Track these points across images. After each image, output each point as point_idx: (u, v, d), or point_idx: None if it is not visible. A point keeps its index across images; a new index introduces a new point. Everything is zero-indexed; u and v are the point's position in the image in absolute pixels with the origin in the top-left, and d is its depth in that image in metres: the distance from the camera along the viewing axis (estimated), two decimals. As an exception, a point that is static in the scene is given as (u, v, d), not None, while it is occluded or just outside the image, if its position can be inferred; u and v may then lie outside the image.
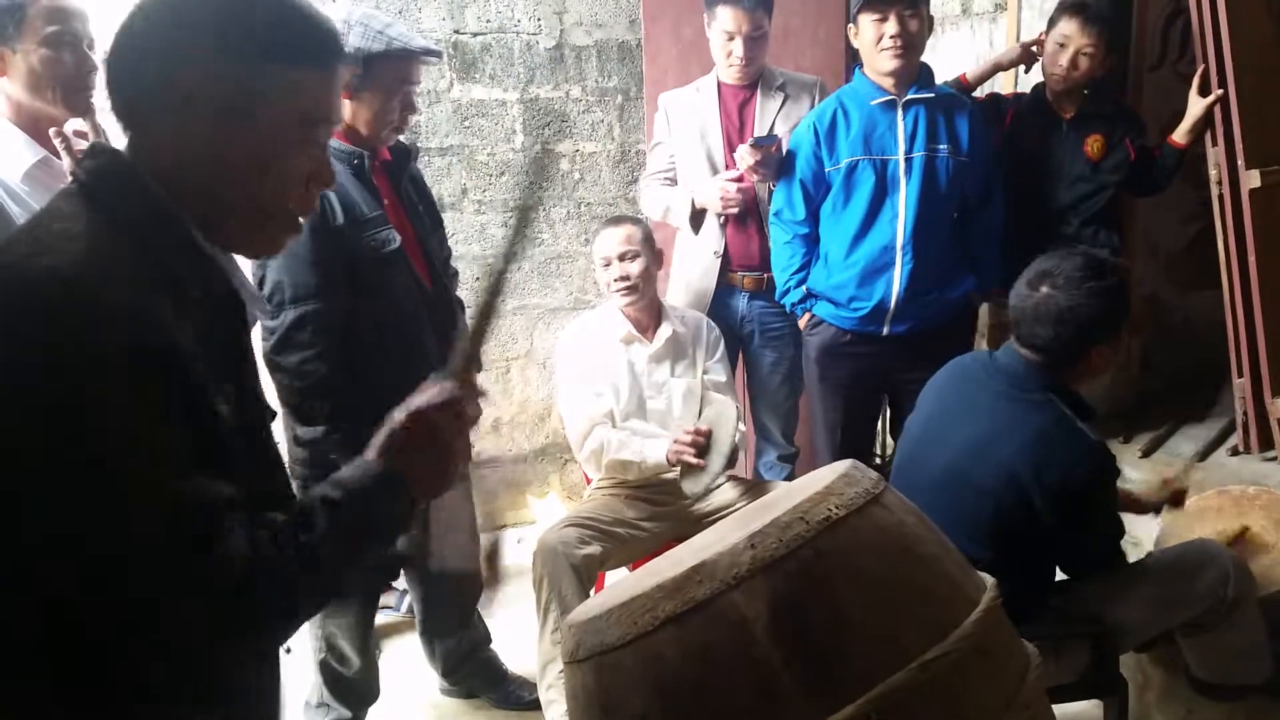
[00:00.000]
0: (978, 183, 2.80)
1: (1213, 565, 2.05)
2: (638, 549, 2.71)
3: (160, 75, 1.03)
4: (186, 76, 1.02)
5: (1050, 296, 1.97)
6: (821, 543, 1.28)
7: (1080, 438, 1.95)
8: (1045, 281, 1.99)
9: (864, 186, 2.73)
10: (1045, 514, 1.94)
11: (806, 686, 1.22)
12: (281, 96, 1.06)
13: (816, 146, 2.76)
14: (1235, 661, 2.10)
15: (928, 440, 2.14)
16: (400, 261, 2.25)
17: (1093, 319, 1.96)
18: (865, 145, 2.72)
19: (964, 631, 1.28)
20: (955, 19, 3.59)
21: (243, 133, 1.05)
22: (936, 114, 2.73)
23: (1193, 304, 3.32)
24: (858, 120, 2.73)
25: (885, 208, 2.72)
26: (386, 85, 2.20)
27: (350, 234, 2.15)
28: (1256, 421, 2.78)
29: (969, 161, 2.76)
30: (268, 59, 1.05)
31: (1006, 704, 1.30)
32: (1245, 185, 2.67)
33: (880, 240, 2.73)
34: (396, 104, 2.23)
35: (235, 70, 1.03)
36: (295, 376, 2.13)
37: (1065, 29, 2.78)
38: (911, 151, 2.71)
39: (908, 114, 2.72)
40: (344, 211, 2.14)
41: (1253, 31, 2.69)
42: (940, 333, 2.79)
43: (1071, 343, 1.98)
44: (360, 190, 2.20)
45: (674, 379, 2.80)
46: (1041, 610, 2.04)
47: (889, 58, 2.66)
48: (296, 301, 2.11)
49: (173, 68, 1.03)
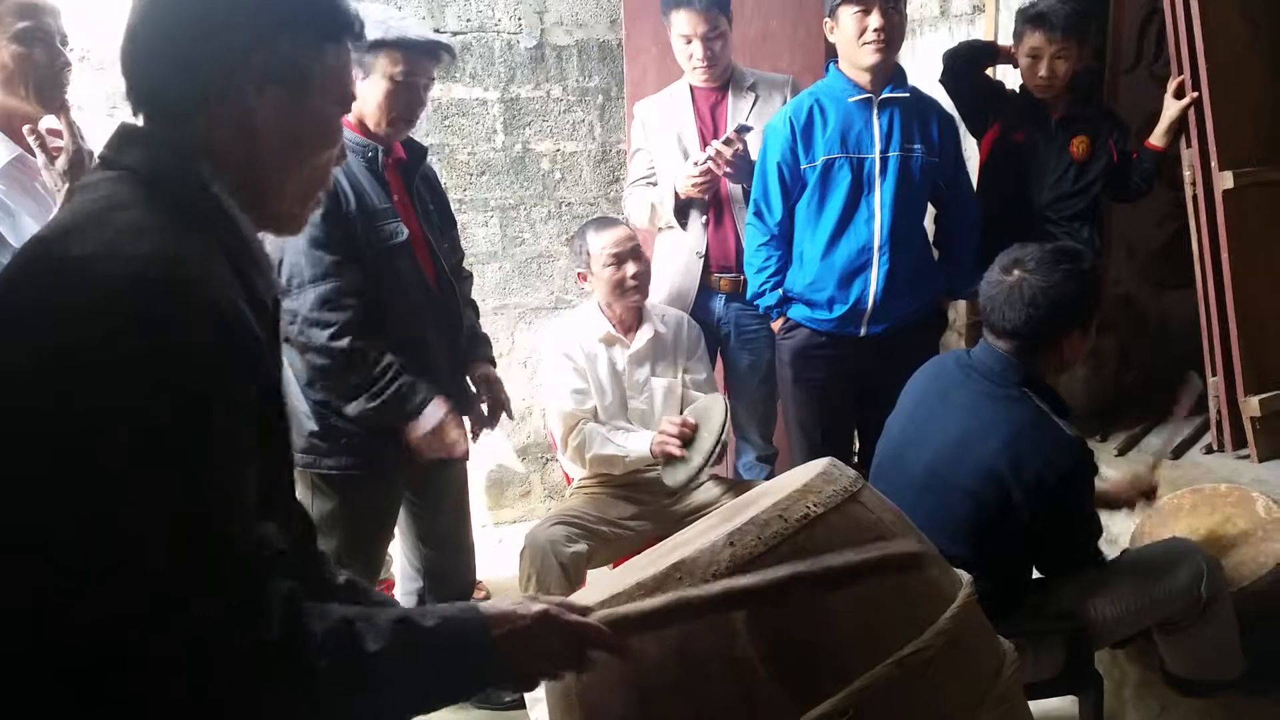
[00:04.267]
0: (947, 184, 2.82)
1: (1187, 563, 2.07)
2: (620, 547, 2.71)
3: (219, 60, 1.01)
4: (254, 60, 1.01)
5: (1023, 279, 1.99)
6: (800, 540, 1.29)
7: (1057, 433, 1.96)
8: (1017, 266, 2.01)
9: (841, 185, 2.72)
10: (1023, 509, 1.95)
11: (785, 683, 1.23)
12: (327, 75, 1.07)
13: (793, 142, 2.74)
14: (1210, 658, 2.12)
15: (907, 441, 2.15)
16: (406, 255, 2.28)
17: (1065, 301, 1.98)
18: (842, 143, 2.71)
19: (940, 628, 1.28)
20: (934, 20, 3.61)
21: (305, 114, 1.05)
22: (910, 114, 2.74)
23: (1169, 303, 3.35)
24: (834, 118, 2.72)
25: (861, 207, 2.72)
26: (387, 74, 2.22)
27: (360, 222, 2.20)
28: (1229, 420, 2.81)
29: (940, 163, 2.77)
30: (327, 38, 1.07)
31: (982, 699, 1.31)
32: (1219, 186, 2.69)
33: (857, 241, 2.73)
34: (400, 95, 2.24)
35: (303, 51, 1.04)
36: (327, 353, 2.16)
37: (1033, 41, 2.80)
38: (887, 151, 2.71)
39: (883, 113, 2.72)
40: (355, 200, 2.19)
41: (1226, 34, 2.71)
42: (911, 329, 2.81)
43: (1043, 326, 1.99)
44: (371, 182, 2.24)
45: (655, 379, 2.81)
46: (1019, 607, 2.06)
47: (871, 51, 2.65)
48: (316, 281, 2.15)
49: (236, 51, 1.01)
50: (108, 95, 3.14)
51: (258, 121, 1.03)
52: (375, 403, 2.19)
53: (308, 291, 2.14)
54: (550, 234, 3.83)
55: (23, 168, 1.99)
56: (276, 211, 1.09)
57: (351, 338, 2.16)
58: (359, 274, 2.19)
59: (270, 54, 1.02)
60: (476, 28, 3.61)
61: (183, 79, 1.01)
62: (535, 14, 3.65)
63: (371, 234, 2.21)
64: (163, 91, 1.02)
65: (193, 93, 1.01)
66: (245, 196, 1.04)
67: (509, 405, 2.61)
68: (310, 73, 1.05)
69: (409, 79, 2.24)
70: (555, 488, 3.93)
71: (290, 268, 2.15)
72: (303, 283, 2.15)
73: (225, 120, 1.02)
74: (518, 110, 3.70)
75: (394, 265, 2.25)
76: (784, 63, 3.46)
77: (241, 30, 1.01)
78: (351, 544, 2.29)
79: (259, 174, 1.05)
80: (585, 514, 2.67)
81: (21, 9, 1.93)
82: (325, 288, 2.15)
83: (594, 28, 3.72)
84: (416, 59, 2.24)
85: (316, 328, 2.15)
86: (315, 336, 2.15)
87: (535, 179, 3.78)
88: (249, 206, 1.05)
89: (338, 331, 2.15)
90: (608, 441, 2.69)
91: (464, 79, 3.62)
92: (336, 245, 2.15)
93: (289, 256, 2.15)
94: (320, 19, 1.06)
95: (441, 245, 2.44)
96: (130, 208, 0.95)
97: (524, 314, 3.87)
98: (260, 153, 1.04)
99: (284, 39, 1.03)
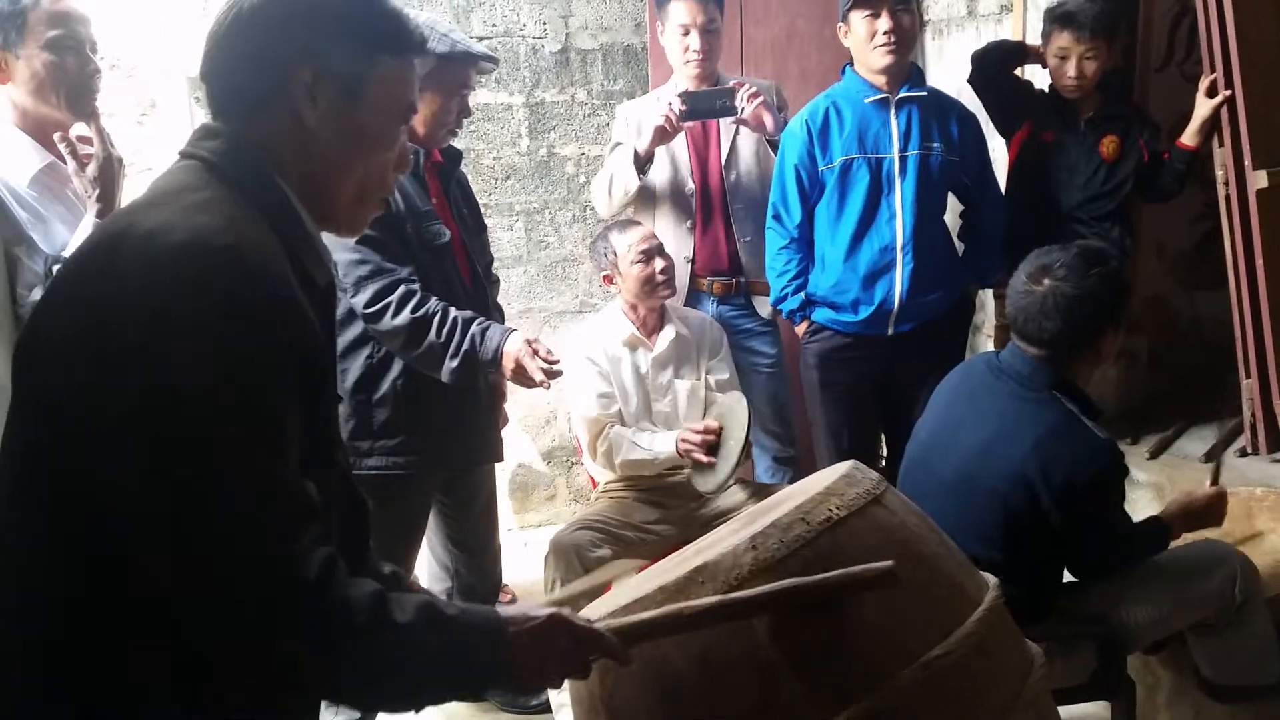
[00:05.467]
0: (973, 181, 2.80)
1: (1221, 566, 2.04)
2: (645, 552, 2.71)
3: (277, 65, 1.08)
4: (306, 67, 1.08)
5: (1055, 288, 1.97)
6: (823, 543, 1.28)
7: (1088, 435, 1.94)
8: (1046, 275, 1.99)
9: (859, 185, 2.72)
10: (1053, 513, 1.93)
11: (810, 688, 1.22)
12: (391, 86, 1.14)
13: (810, 145, 2.74)
14: (1245, 663, 2.09)
15: (936, 443, 2.14)
16: (448, 256, 2.33)
17: (1101, 305, 1.97)
18: (860, 143, 2.71)
19: (966, 631, 1.27)
20: (961, 20, 3.58)
21: (358, 120, 1.11)
22: (929, 112, 2.73)
23: (1201, 304, 3.31)
24: (851, 118, 2.72)
25: (882, 207, 2.72)
26: (448, 87, 2.28)
27: (410, 222, 2.25)
28: (1264, 422, 2.76)
29: (961, 161, 2.76)
30: (383, 50, 1.13)
31: (1010, 704, 1.29)
32: (1252, 186, 2.65)
33: (879, 241, 2.72)
34: (454, 105, 2.31)
35: (354, 61, 1.10)
36: (399, 333, 2.20)
37: (1061, 41, 2.77)
38: (906, 150, 2.70)
39: (900, 112, 2.71)
40: (403, 201, 2.24)
41: (1259, 31, 2.67)
42: (937, 326, 2.79)
43: (1080, 332, 1.98)
44: (414, 184, 2.30)
45: (679, 381, 2.81)
46: (1049, 611, 2.04)
47: (883, 54, 2.66)
48: (376, 275, 2.20)
49: (291, 58, 1.08)
50: (138, 102, 3.18)
51: (310, 123, 1.10)
52: (457, 360, 2.21)
53: (368, 285, 2.19)
54: (575, 238, 3.84)
55: (54, 175, 2.02)
56: (333, 212, 1.16)
57: (410, 310, 2.19)
58: (411, 268, 2.24)
59: (323, 62, 1.09)
60: (502, 33, 3.62)
61: (244, 81, 1.10)
62: (560, 18, 3.66)
63: (420, 234, 2.27)
64: (228, 93, 1.11)
65: (252, 94, 1.10)
66: (305, 192, 1.12)
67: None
68: (363, 82, 1.11)
69: (461, 90, 2.30)
70: (580, 491, 3.93)
71: (347, 264, 2.19)
72: (362, 276, 2.20)
73: (280, 120, 1.10)
74: (543, 115, 3.71)
75: (437, 266, 2.30)
76: (812, 62, 3.45)
77: (294, 39, 1.08)
78: (385, 544, 2.29)
79: (315, 173, 1.12)
80: (610, 518, 2.68)
81: (52, 18, 1.96)
82: (386, 280, 2.20)
83: (619, 32, 3.73)
84: (468, 71, 2.31)
85: (387, 314, 2.19)
86: (387, 324, 2.20)
87: (560, 183, 3.79)
88: (308, 203, 1.12)
89: (394, 309, 2.19)
90: (635, 446, 2.69)
91: (489, 84, 3.63)
92: (393, 241, 2.21)
93: (346, 254, 2.19)
94: (377, 33, 1.13)
95: (475, 248, 2.46)
96: (198, 190, 1.04)
97: (549, 318, 3.88)
98: (314, 153, 1.11)
99: (338, 49, 1.09)
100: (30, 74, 1.96)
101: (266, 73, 1.09)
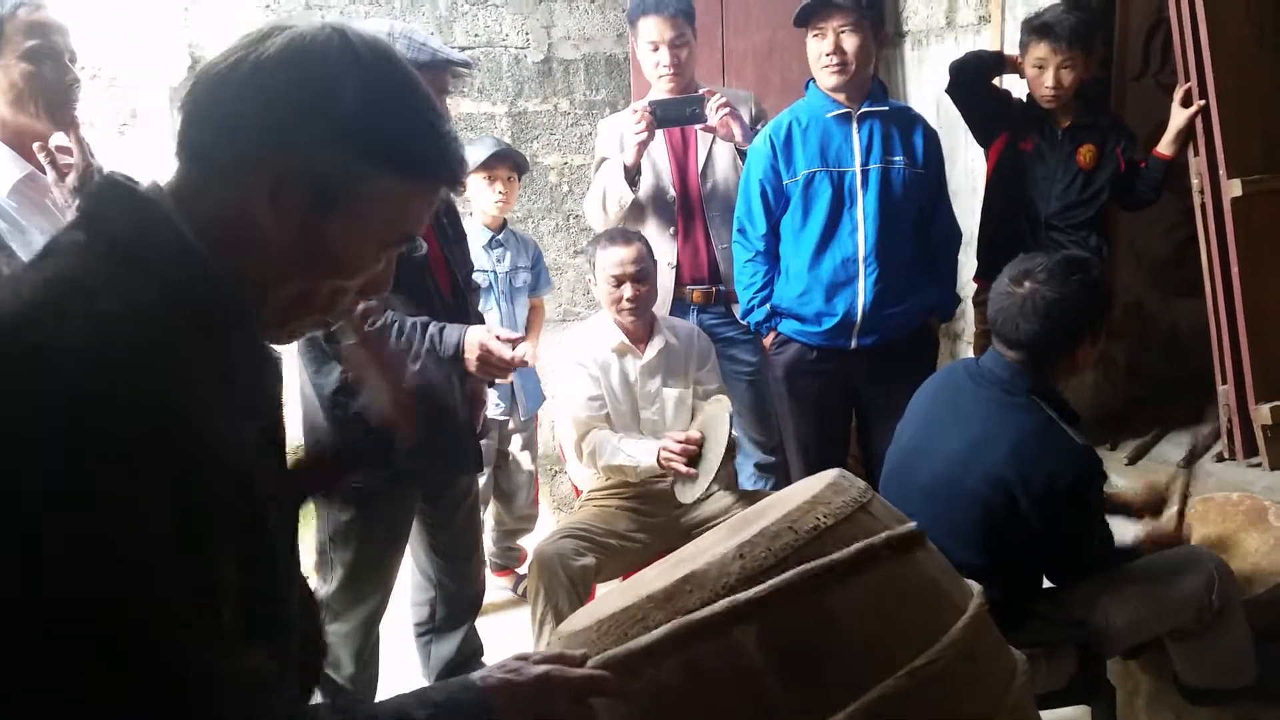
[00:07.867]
0: (929, 199, 2.83)
1: (1198, 571, 2.06)
2: (629, 560, 2.70)
3: (249, 145, 0.90)
4: (280, 158, 0.89)
5: (1036, 290, 1.98)
6: (810, 551, 1.28)
7: (1065, 440, 1.96)
8: (1028, 278, 2.01)
9: (822, 198, 2.74)
10: (1032, 517, 1.95)
11: (795, 696, 1.22)
12: (383, 209, 0.94)
13: (774, 159, 2.77)
14: (1222, 666, 2.11)
15: (916, 448, 2.15)
16: (425, 268, 2.30)
17: (1081, 311, 1.98)
18: (822, 157, 2.74)
19: (951, 638, 1.28)
20: (940, 31, 3.62)
21: (322, 236, 0.92)
22: (891, 127, 2.76)
23: (1178, 312, 3.34)
24: (814, 133, 2.75)
25: (844, 220, 2.74)
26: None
27: None
28: (1240, 428, 2.80)
29: (924, 174, 2.78)
30: (389, 168, 0.93)
31: (994, 709, 1.30)
32: (1227, 194, 2.69)
33: (842, 253, 2.75)
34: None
35: (340, 170, 0.91)
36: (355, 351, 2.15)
37: (1038, 52, 2.80)
38: (868, 164, 2.73)
39: (862, 127, 2.74)
40: None
41: (1233, 41, 2.71)
42: (904, 347, 2.82)
43: (1059, 336, 1.99)
44: None
45: (667, 389, 2.81)
46: (1029, 616, 2.05)
47: (828, 74, 2.70)
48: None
49: (266, 142, 0.89)
50: (118, 112, 3.16)
51: (260, 220, 0.91)
52: (418, 364, 2.19)
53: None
54: (558, 247, 3.84)
55: (33, 185, 2.00)
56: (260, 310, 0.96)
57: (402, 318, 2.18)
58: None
59: (301, 159, 0.89)
60: (484, 43, 3.63)
61: (213, 141, 0.92)
62: (542, 29, 3.67)
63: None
64: (196, 145, 0.93)
65: (212, 160, 0.92)
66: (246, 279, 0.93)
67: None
68: (344, 196, 0.91)
69: (440, 96, 2.27)
70: (564, 500, 3.93)
71: None
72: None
73: (233, 201, 0.91)
74: (525, 124, 3.72)
75: (414, 278, 2.26)
76: (793, 73, 3.47)
77: (278, 122, 0.89)
78: (367, 557, 2.30)
79: (248, 268, 0.92)
80: (594, 527, 2.67)
81: (30, 28, 1.94)
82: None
83: (600, 42, 3.74)
84: (446, 77, 2.28)
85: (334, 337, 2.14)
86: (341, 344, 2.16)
87: (543, 192, 3.80)
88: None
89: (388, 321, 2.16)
90: (618, 451, 2.70)
91: (472, 94, 3.64)
92: None
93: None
94: (390, 146, 0.93)
95: (454, 257, 2.45)
96: (99, 296, 0.83)
97: (532, 326, 3.87)
98: (252, 244, 0.92)
99: (325, 150, 0.90)
100: (8, 84, 1.94)
101: (236, 146, 0.90)
